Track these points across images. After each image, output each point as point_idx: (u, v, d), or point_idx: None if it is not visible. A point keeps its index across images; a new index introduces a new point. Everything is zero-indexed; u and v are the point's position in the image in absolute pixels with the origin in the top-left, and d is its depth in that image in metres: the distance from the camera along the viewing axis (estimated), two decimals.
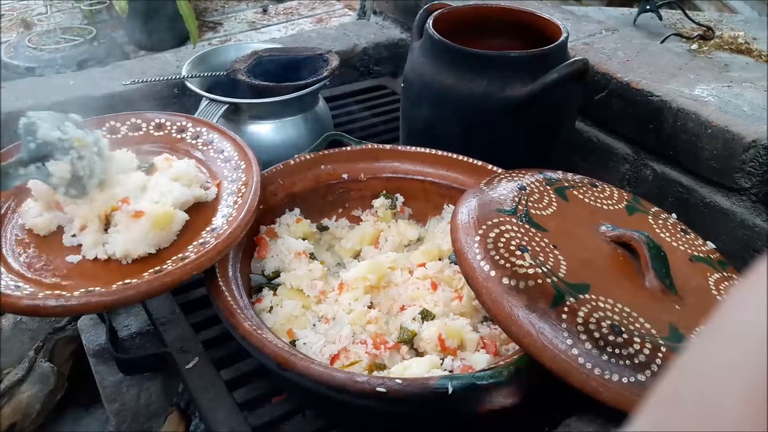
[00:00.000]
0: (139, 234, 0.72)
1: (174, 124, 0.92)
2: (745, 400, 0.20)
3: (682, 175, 0.97)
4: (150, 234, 0.73)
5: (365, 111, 1.32)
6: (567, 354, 0.58)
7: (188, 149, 0.89)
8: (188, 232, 0.76)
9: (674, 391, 0.24)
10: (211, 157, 0.87)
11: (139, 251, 0.73)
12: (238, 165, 0.84)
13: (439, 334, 0.69)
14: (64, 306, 0.65)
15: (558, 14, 1.27)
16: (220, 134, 0.90)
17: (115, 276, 0.70)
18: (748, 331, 0.22)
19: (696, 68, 1.06)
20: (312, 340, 0.70)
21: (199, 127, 0.92)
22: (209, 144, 0.89)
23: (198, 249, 0.72)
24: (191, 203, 0.79)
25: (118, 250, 0.73)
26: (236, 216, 0.75)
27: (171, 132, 0.91)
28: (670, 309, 0.66)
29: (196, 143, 0.90)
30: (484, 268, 0.63)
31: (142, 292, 0.67)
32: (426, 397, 0.57)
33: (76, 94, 1.13)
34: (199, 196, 0.80)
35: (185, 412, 0.85)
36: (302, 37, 1.45)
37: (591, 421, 0.60)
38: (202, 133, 0.91)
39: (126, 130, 0.91)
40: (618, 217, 0.77)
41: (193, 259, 0.69)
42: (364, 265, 0.77)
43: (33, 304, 0.66)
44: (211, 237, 0.74)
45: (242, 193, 0.79)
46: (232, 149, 0.87)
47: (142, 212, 0.73)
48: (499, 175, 0.80)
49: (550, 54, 0.91)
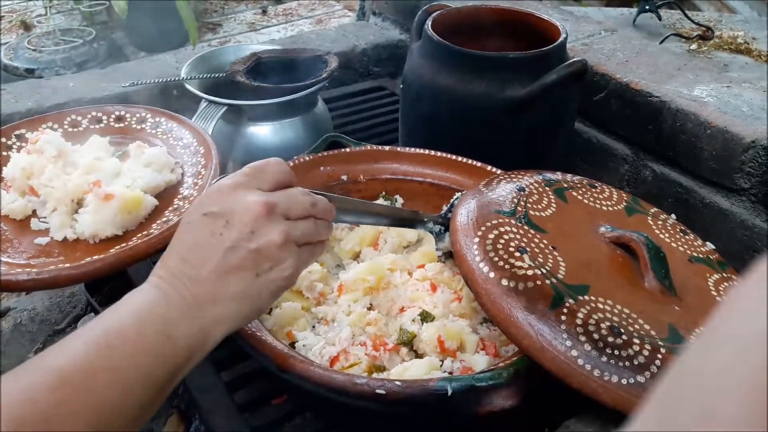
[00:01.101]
0: (108, 216, 0.77)
1: (134, 116, 0.97)
2: (745, 402, 0.20)
3: (681, 175, 0.97)
4: (118, 216, 0.77)
5: (364, 112, 1.32)
6: (566, 355, 0.58)
7: (149, 138, 0.93)
8: (153, 214, 0.82)
9: (674, 392, 0.24)
10: (170, 144, 0.92)
11: (107, 232, 0.77)
12: (197, 150, 0.89)
13: (439, 336, 0.69)
14: (35, 279, 0.69)
15: (557, 15, 1.27)
16: (179, 123, 0.95)
17: (83, 254, 0.75)
18: (748, 333, 0.22)
19: (695, 68, 1.06)
20: (311, 341, 0.70)
21: (158, 117, 0.97)
22: (168, 133, 0.94)
23: (162, 226, 0.77)
24: (162, 188, 0.84)
25: (87, 230, 0.77)
26: (197, 196, 0.81)
27: (131, 123, 0.97)
28: (670, 310, 0.65)
29: (155, 132, 0.95)
30: (484, 270, 0.63)
31: (109, 264, 0.70)
32: (425, 398, 0.57)
33: (76, 95, 1.13)
34: (169, 181, 0.85)
35: (185, 414, 0.85)
36: (301, 39, 1.45)
37: (590, 422, 0.60)
38: (161, 123, 0.96)
39: (87, 123, 0.96)
40: (617, 218, 0.77)
41: (156, 235, 0.74)
42: (363, 267, 0.77)
43: (5, 279, 0.69)
44: (174, 215, 0.79)
45: (202, 175, 0.84)
46: (191, 136, 0.92)
47: (112, 195, 0.77)
48: (498, 176, 0.80)
49: (549, 55, 0.91)
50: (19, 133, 0.92)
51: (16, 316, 1.02)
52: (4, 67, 1.99)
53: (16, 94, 1.14)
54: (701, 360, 0.24)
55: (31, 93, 1.14)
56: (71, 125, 0.95)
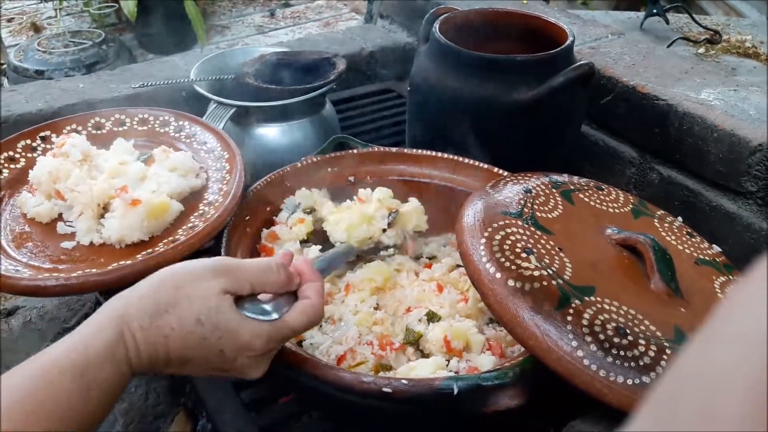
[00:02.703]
0: (135, 221, 0.76)
1: (157, 119, 0.96)
2: (745, 401, 0.20)
3: (688, 178, 0.97)
4: (145, 222, 0.76)
5: (372, 114, 1.33)
6: (572, 356, 0.58)
7: (172, 142, 0.92)
8: (178, 219, 0.81)
9: (674, 391, 0.24)
10: (194, 149, 0.91)
11: (133, 238, 0.76)
12: (221, 155, 0.88)
13: (445, 336, 0.69)
14: (64, 285, 0.68)
15: (564, 18, 1.28)
16: (202, 127, 0.94)
17: (110, 259, 0.74)
18: (748, 332, 0.22)
19: (702, 72, 1.06)
20: (319, 340, 0.71)
21: (181, 121, 0.95)
22: (192, 137, 0.93)
23: (188, 232, 0.76)
24: (187, 193, 0.83)
25: (113, 235, 0.76)
26: (222, 202, 0.79)
27: (154, 126, 0.95)
28: (676, 312, 0.66)
29: (179, 136, 0.94)
30: (490, 270, 0.64)
31: (137, 272, 0.69)
32: (431, 397, 0.57)
33: (86, 97, 1.14)
34: (194, 186, 0.84)
35: (192, 412, 0.86)
36: (309, 41, 1.46)
37: (596, 422, 0.60)
38: (185, 127, 0.94)
39: (111, 126, 0.95)
40: (623, 220, 0.77)
41: (183, 241, 0.73)
42: (370, 267, 0.77)
43: (33, 284, 0.69)
44: (199, 221, 0.78)
45: (227, 181, 0.83)
46: (215, 141, 0.91)
47: (139, 200, 0.77)
48: (504, 178, 0.80)
49: (556, 58, 0.91)
50: (44, 134, 0.91)
51: (26, 314, 1.03)
52: (14, 68, 2.01)
53: (27, 95, 1.15)
54: (701, 359, 0.24)
55: (42, 94, 1.15)
56: (95, 127, 0.94)
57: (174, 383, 0.92)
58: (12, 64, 2.02)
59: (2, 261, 0.72)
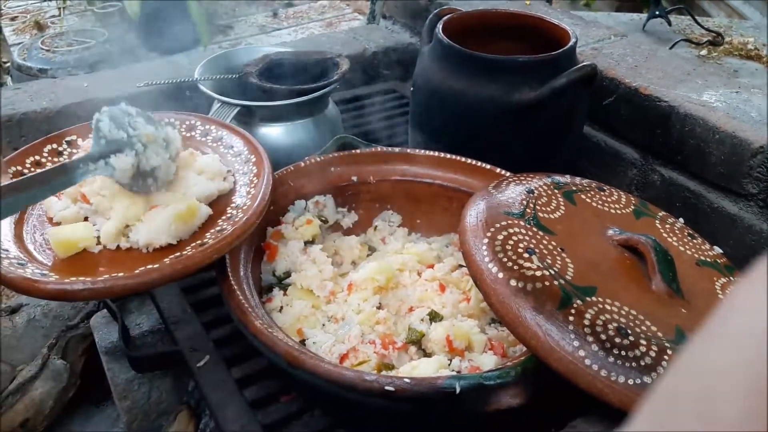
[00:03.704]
0: (162, 225, 0.74)
1: (183, 123, 0.94)
2: (745, 400, 0.20)
3: (689, 180, 0.97)
4: (173, 226, 0.75)
5: (375, 114, 1.33)
6: (574, 355, 0.58)
7: (199, 146, 0.91)
8: (205, 223, 0.79)
9: (674, 390, 0.24)
10: (221, 152, 0.90)
11: (161, 241, 0.74)
12: (249, 158, 0.87)
13: (447, 335, 0.70)
14: (90, 289, 0.67)
15: (567, 19, 1.28)
16: (228, 131, 0.92)
17: (137, 263, 0.72)
18: (748, 331, 0.22)
19: (704, 74, 1.06)
20: (321, 339, 0.71)
21: (208, 125, 0.94)
22: (219, 140, 0.92)
23: (216, 235, 0.74)
24: (215, 196, 0.82)
25: (141, 239, 0.74)
26: (251, 205, 0.78)
27: (180, 130, 0.93)
28: (677, 312, 0.66)
29: (205, 140, 0.92)
30: (492, 270, 0.64)
31: (166, 275, 0.68)
32: (434, 396, 0.58)
33: (90, 95, 1.15)
34: (222, 189, 0.83)
35: (195, 410, 0.86)
36: (312, 41, 1.46)
37: (597, 422, 0.61)
38: (211, 131, 0.93)
39: None
40: (625, 221, 0.77)
41: (212, 244, 0.72)
42: (373, 267, 0.78)
43: (60, 288, 0.67)
44: (227, 224, 0.76)
45: (255, 184, 0.82)
46: (242, 144, 0.89)
47: None
48: (507, 178, 0.81)
49: (558, 59, 0.91)
50: (70, 139, 0.90)
51: (30, 311, 1.03)
52: (18, 67, 2.01)
53: (32, 93, 1.15)
54: (700, 359, 0.24)
55: (46, 92, 1.16)
56: None
57: (177, 382, 0.92)
58: (15, 63, 2.02)
59: (28, 265, 0.71)
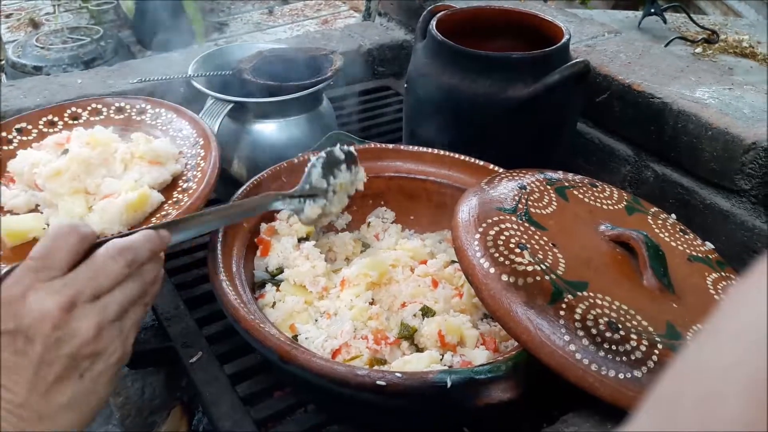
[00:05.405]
0: (114, 215, 0.76)
1: (133, 107, 0.96)
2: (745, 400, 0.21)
3: (682, 176, 0.98)
4: (124, 215, 0.77)
5: (369, 111, 1.33)
6: (564, 350, 0.59)
7: (149, 130, 0.92)
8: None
9: (674, 390, 0.24)
10: (171, 136, 0.91)
11: (113, 231, 0.76)
12: (197, 141, 0.89)
13: (439, 330, 0.70)
14: None
15: (561, 17, 1.28)
16: (177, 114, 0.94)
17: None
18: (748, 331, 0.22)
19: (698, 71, 1.07)
20: (314, 334, 0.71)
21: (157, 108, 0.96)
22: (168, 124, 0.93)
23: (161, 220, 0.76)
24: (170, 181, 0.84)
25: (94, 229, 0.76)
26: (196, 189, 0.80)
27: (131, 114, 0.96)
28: (668, 307, 0.66)
29: (156, 123, 0.94)
30: (484, 266, 0.64)
31: None
32: (425, 390, 0.58)
33: (84, 92, 1.14)
34: (175, 172, 0.84)
35: (188, 407, 0.86)
36: (307, 38, 1.46)
37: (588, 416, 0.61)
38: (161, 114, 0.95)
39: (87, 115, 0.96)
40: (617, 217, 0.78)
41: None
42: (366, 262, 0.78)
43: None
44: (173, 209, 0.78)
45: (201, 167, 0.84)
46: (190, 127, 0.91)
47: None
48: (499, 174, 0.81)
49: (552, 55, 0.91)
50: (20, 126, 0.91)
51: None
52: (13, 64, 2.01)
53: (25, 90, 1.15)
54: (701, 358, 0.24)
55: (40, 89, 1.15)
56: (71, 117, 0.95)
57: (170, 378, 0.92)
58: (10, 60, 2.02)
59: None
